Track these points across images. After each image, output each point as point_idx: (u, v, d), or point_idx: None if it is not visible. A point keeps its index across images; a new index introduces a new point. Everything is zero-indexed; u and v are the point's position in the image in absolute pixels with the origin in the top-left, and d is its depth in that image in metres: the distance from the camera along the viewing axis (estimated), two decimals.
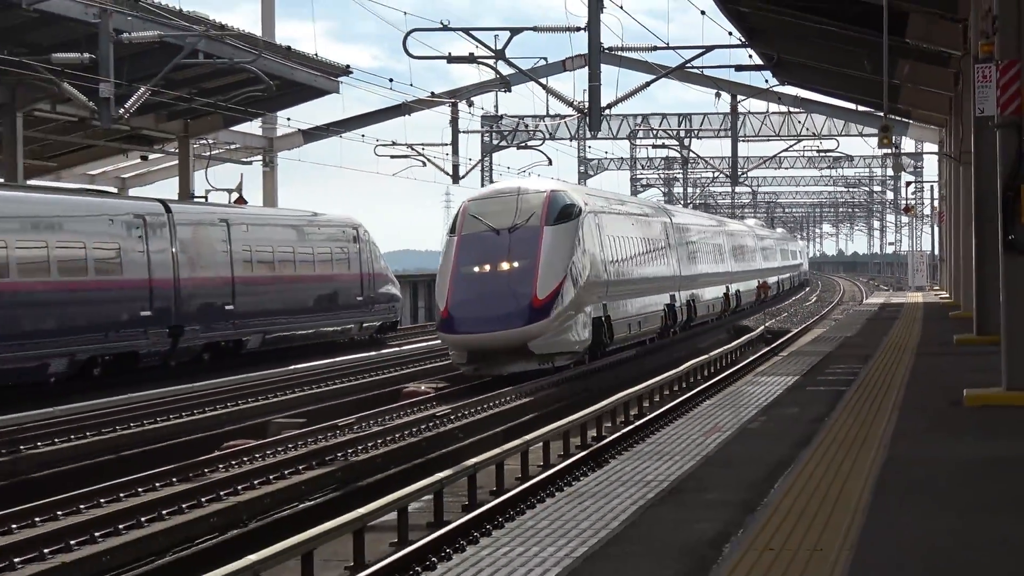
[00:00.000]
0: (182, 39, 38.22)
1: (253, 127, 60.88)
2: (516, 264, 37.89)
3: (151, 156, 62.95)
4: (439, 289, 39.03)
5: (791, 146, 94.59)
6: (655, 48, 50.20)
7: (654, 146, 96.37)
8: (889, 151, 67.90)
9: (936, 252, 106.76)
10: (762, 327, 63.94)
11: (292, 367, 41.14)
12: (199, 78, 46.67)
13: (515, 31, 45.29)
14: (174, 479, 21.97)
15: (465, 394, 34.80)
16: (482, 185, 70.41)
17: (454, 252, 38.71)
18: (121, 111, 37.30)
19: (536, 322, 37.19)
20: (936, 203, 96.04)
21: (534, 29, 45.79)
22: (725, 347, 49.46)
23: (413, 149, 64.27)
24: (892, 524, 13.27)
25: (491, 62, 46.90)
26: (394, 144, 63.55)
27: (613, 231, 46.12)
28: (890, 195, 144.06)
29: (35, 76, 37.66)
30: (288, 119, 59.37)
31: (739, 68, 55.35)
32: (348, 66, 52.76)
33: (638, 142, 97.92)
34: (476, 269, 38.05)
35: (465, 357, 38.08)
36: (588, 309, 40.85)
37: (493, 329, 36.83)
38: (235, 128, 58.42)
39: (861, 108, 72.01)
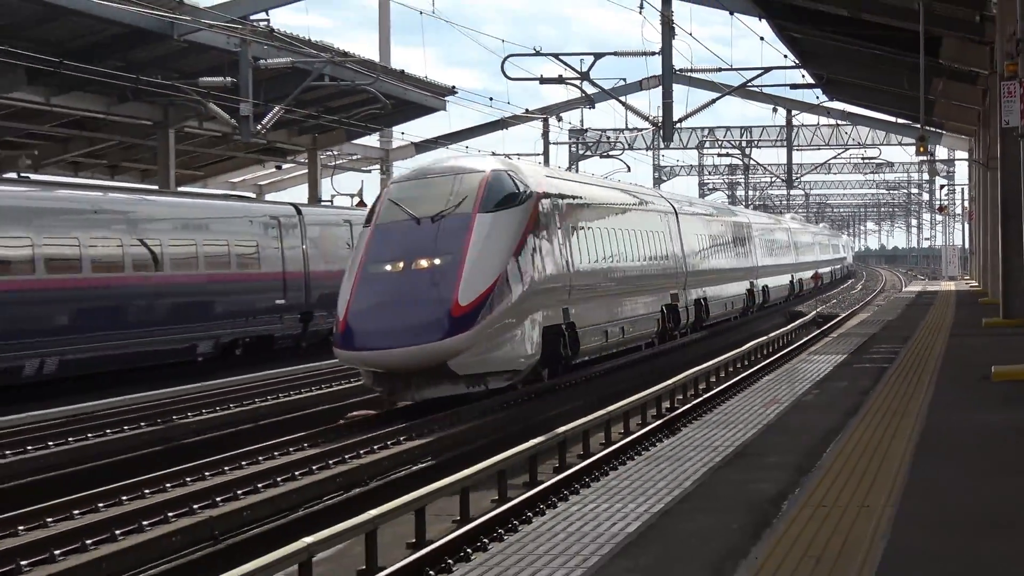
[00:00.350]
0: (311, 64, 38.42)
1: (372, 140, 61.31)
2: (436, 262, 26.65)
3: (284, 166, 63.63)
4: (341, 293, 27.27)
5: (839, 154, 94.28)
6: (719, 69, 49.92)
7: (719, 155, 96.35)
8: (925, 158, 67.07)
9: (967, 246, 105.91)
10: (814, 312, 63.43)
11: None
12: (325, 98, 46.90)
13: (598, 56, 45.27)
14: (305, 444, 22.14)
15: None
16: None
17: (363, 247, 27.71)
18: (258, 127, 37.54)
19: (457, 335, 25.71)
20: (966, 203, 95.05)
21: (615, 54, 45.77)
22: (781, 330, 49.15)
23: (509, 158, 64.26)
24: (930, 482, 13.20)
25: (577, 82, 46.74)
26: (493, 154, 63.53)
27: (587, 222, 33.77)
28: (926, 196, 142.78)
29: (185, 97, 38.10)
30: (402, 133, 59.73)
31: (793, 86, 55.23)
32: (454, 87, 52.86)
33: (705, 151, 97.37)
34: (387, 268, 26.92)
35: (371, 378, 26.94)
36: (537, 316, 28.85)
37: (401, 344, 25.62)
38: (356, 141, 58.75)
39: (900, 120, 71.69)
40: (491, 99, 73.79)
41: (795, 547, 10.96)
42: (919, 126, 46.27)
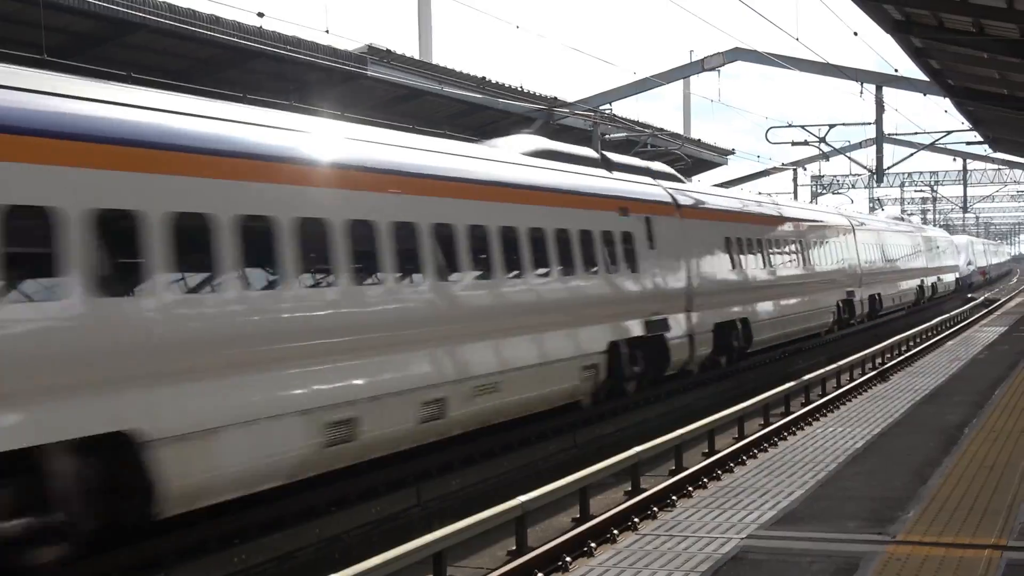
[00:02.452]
0: (638, 137, 38.46)
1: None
2: None
3: None
4: None
5: (999, 189, 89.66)
6: (915, 132, 48.36)
7: (915, 191, 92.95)
8: None
9: None
10: (983, 297, 60.40)
11: None
12: (648, 158, 46.61)
13: (832, 125, 44.55)
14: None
15: None
16: None
17: None
18: None
19: None
20: None
21: (843, 124, 45.06)
22: (959, 309, 46.89)
23: (770, 196, 63.50)
24: None
25: (818, 144, 45.67)
26: (760, 193, 62.87)
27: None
28: None
29: None
30: (699, 179, 59.17)
31: (968, 143, 52.86)
32: (733, 149, 52.24)
33: (905, 188, 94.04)
34: None
35: None
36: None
37: None
38: None
39: None
40: (758, 157, 72.86)
41: (974, 459, 10.61)
42: None
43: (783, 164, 59.97)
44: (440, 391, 12.58)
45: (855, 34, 27.04)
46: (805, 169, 64.67)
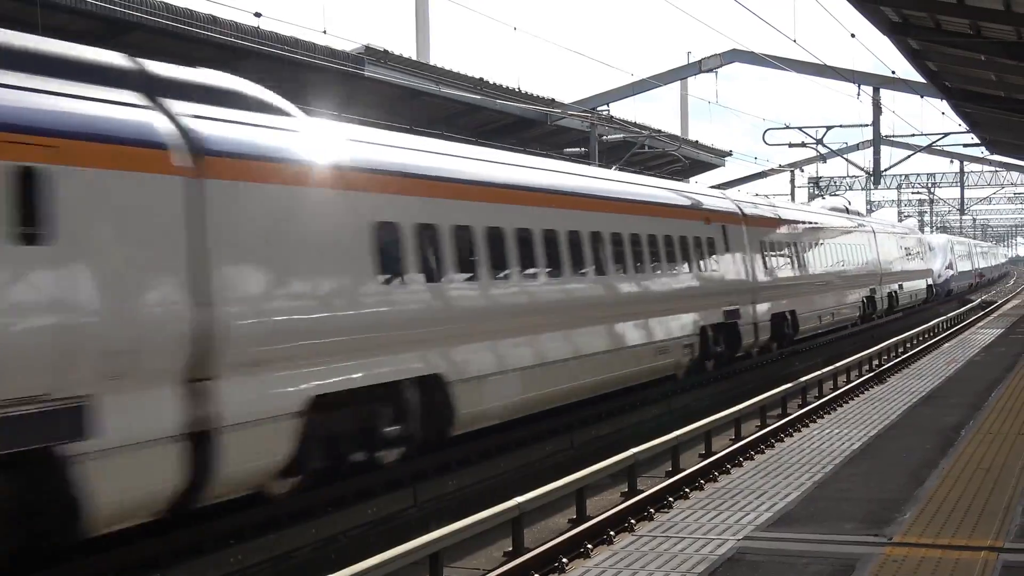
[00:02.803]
0: (635, 138, 38.47)
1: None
2: None
3: None
4: None
5: (996, 191, 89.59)
6: (913, 135, 48.26)
7: (912, 193, 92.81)
8: None
9: None
10: (979, 299, 60.41)
11: None
12: (646, 160, 46.87)
13: (829, 127, 44.55)
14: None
15: None
16: None
17: None
18: None
19: None
20: None
21: (840, 126, 45.09)
22: (956, 311, 46.93)
23: (768, 198, 63.49)
24: None
25: (815, 145, 45.70)
26: (757, 195, 62.81)
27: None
28: None
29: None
30: (696, 181, 59.17)
31: (965, 145, 52.76)
32: (730, 151, 52.31)
33: (901, 190, 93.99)
34: None
35: None
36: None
37: None
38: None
39: None
40: (755, 158, 72.76)
41: (970, 461, 10.61)
42: None
43: (780, 166, 60.02)
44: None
45: (852, 36, 26.96)
46: (802, 171, 64.76)
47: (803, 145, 45.45)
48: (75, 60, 9.18)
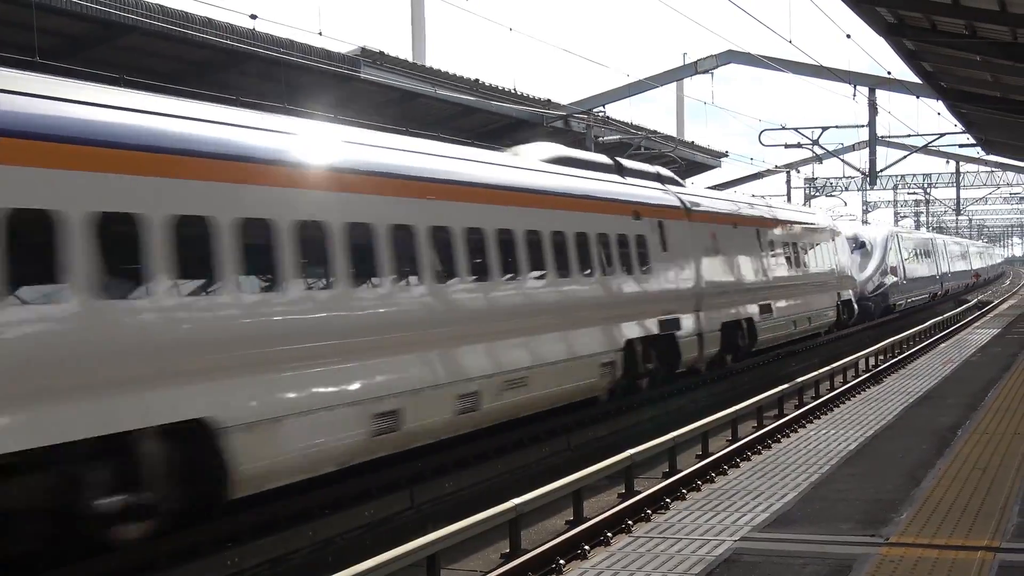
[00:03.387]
0: (631, 139, 38.47)
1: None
2: None
3: None
4: None
5: (993, 191, 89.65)
6: (908, 135, 48.37)
7: (908, 194, 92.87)
8: None
9: None
10: (976, 299, 60.45)
11: None
12: (642, 161, 46.92)
13: (825, 128, 44.41)
14: None
15: None
16: None
17: None
18: None
19: None
20: None
21: (836, 127, 45.11)
22: (953, 311, 46.97)
23: (764, 198, 63.61)
24: None
25: (811, 146, 45.74)
26: (752, 196, 62.93)
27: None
28: None
29: None
30: (692, 182, 59.19)
31: (961, 146, 52.79)
32: (726, 151, 52.32)
33: (898, 191, 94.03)
34: None
35: None
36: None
37: None
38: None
39: None
40: (751, 159, 72.91)
41: (967, 461, 10.62)
42: None
43: (776, 167, 60.09)
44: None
45: (848, 36, 27.05)
46: (798, 172, 64.82)
47: (799, 146, 45.50)
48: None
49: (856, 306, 32.03)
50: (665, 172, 23.20)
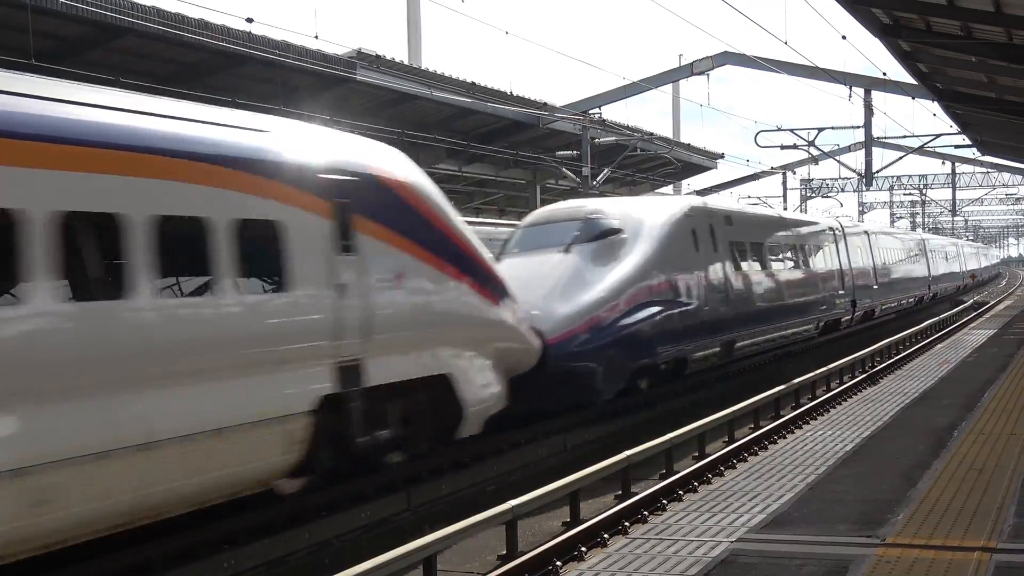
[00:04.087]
0: (627, 141, 38.51)
1: (666, 190, 61.13)
2: None
3: None
4: None
5: (988, 192, 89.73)
6: (904, 136, 48.41)
7: (904, 195, 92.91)
8: None
9: None
10: (972, 300, 60.47)
11: None
12: (638, 163, 46.95)
13: (820, 129, 44.45)
14: None
15: None
16: None
17: None
18: (594, 183, 37.72)
19: None
20: None
21: (832, 128, 45.08)
22: (950, 312, 46.96)
23: (761, 199, 63.59)
24: None
25: (806, 147, 45.77)
26: (749, 196, 63.03)
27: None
28: None
29: (547, 165, 38.51)
30: (688, 184, 59.33)
31: (957, 147, 52.86)
32: (722, 153, 52.42)
33: (894, 191, 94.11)
34: None
35: None
36: None
37: None
38: (658, 190, 58.67)
39: None
40: (747, 161, 72.91)
41: (963, 462, 10.63)
42: None
43: (772, 168, 60.16)
44: None
45: (844, 38, 27.04)
46: (795, 173, 64.92)
47: (795, 147, 45.53)
48: None
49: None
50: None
